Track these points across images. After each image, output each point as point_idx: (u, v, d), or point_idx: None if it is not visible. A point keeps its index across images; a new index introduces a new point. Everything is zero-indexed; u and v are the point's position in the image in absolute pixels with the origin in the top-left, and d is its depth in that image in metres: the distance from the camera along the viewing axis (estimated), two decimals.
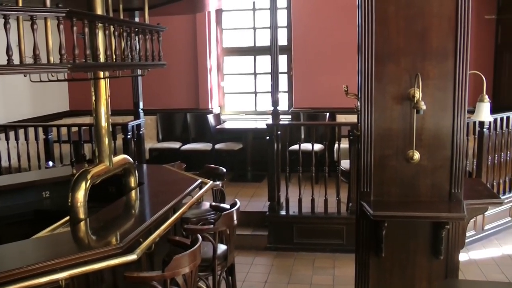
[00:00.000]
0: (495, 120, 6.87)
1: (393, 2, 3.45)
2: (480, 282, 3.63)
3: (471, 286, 2.61)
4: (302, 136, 7.08)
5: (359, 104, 3.58)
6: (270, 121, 6.59)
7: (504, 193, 7.18)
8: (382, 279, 3.70)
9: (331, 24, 8.82)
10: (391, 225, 3.52)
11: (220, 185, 5.18)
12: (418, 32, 3.45)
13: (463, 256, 6.24)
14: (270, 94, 6.64)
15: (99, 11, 3.66)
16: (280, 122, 6.68)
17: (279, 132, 6.52)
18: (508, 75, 7.90)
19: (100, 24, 3.46)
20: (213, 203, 4.74)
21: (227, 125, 9.31)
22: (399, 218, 3.47)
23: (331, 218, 6.45)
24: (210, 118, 9.11)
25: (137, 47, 3.99)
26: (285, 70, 9.53)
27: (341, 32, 8.52)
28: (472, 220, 6.54)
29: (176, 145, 9.22)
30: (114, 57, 3.66)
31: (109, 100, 3.93)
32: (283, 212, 6.63)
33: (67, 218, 3.57)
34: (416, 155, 3.49)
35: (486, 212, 6.69)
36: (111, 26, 3.60)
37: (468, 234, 6.60)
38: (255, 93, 9.82)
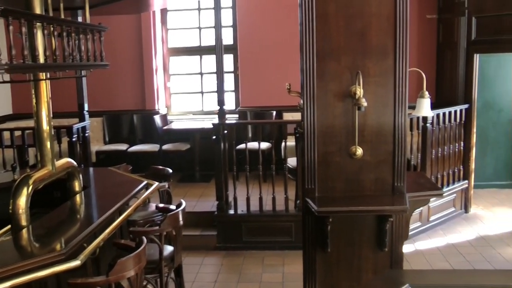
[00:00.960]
0: (438, 115, 7.09)
1: (333, 1, 3.51)
2: (418, 271, 3.74)
3: (409, 275, 2.70)
4: (250, 135, 7.10)
5: (302, 102, 3.62)
6: (216, 121, 6.59)
7: (448, 185, 7.43)
8: (328, 273, 3.76)
9: (276, 22, 8.89)
10: (336, 220, 3.58)
11: (167, 186, 5.15)
12: (358, 30, 3.52)
13: (409, 247, 6.43)
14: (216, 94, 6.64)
15: (37, 10, 3.57)
16: (226, 121, 6.69)
17: (225, 132, 6.53)
18: (449, 72, 8.14)
19: (38, 24, 3.37)
20: (159, 205, 4.71)
21: (174, 125, 9.24)
22: (343, 213, 3.54)
23: (280, 216, 6.51)
24: (157, 118, 9.02)
25: (79, 47, 3.90)
26: (232, 69, 9.53)
27: (285, 31, 8.59)
28: (418, 211, 6.76)
29: (123, 147, 9.09)
30: (54, 57, 3.57)
31: (51, 102, 3.84)
32: (231, 211, 6.65)
33: (9, 226, 3.47)
34: (359, 151, 3.56)
35: (431, 204, 6.94)
36: (50, 26, 3.52)
37: (414, 225, 6.81)
38: (202, 93, 9.79)
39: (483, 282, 2.64)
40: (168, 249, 4.19)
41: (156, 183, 4.74)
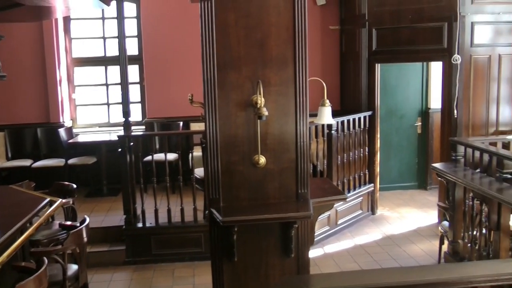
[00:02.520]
0: (342, 122, 7.33)
1: (233, 11, 3.53)
2: (319, 274, 3.83)
3: (312, 279, 2.75)
4: (157, 146, 7.01)
5: (204, 112, 3.61)
6: (122, 133, 6.45)
7: (354, 189, 7.70)
8: (236, 282, 3.76)
9: (181, 33, 8.84)
10: (242, 229, 3.59)
11: (71, 202, 4.98)
12: (257, 41, 3.56)
13: (318, 251, 6.59)
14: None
15: None
16: (132, 133, 6.57)
17: (131, 144, 6.41)
18: (353, 80, 8.43)
19: None
20: (62, 222, 4.55)
21: (80, 138, 8.95)
22: (248, 222, 3.55)
23: (188, 227, 6.46)
24: (62, 132, 8.69)
25: None
26: (138, 80, 9.38)
27: (190, 41, 8.55)
28: (326, 216, 6.93)
29: (27, 162, 8.67)
30: None
31: None
32: (140, 225, 6.52)
33: None
34: (262, 160, 3.59)
35: (339, 208, 7.15)
36: None
37: (322, 229, 6.99)
38: (108, 104, 9.55)
39: (387, 280, 2.72)
40: (73, 268, 4.05)
41: (60, 200, 4.59)
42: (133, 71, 9.16)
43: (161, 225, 6.48)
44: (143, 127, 9.14)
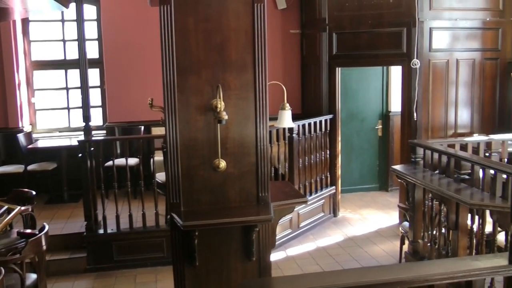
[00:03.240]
0: (304, 125, 7.39)
1: (192, 15, 3.52)
2: (277, 277, 3.85)
3: (266, 282, 2.77)
4: (118, 151, 6.93)
5: (164, 116, 3.59)
6: (82, 138, 6.36)
7: (316, 191, 7.76)
8: (198, 287, 3.74)
9: (141, 36, 8.75)
10: (203, 234, 3.58)
11: (30, 209, 4.89)
12: (217, 45, 3.56)
13: (281, 254, 6.62)
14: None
15: None
16: (93, 138, 6.48)
17: (92, 149, 6.33)
18: (314, 84, 8.50)
19: None
20: (20, 230, 4.46)
21: (40, 144, 8.76)
22: (209, 226, 3.54)
23: (150, 232, 6.42)
24: (21, 137, 8.50)
25: None
26: (98, 83, 9.26)
27: (150, 45, 8.45)
28: (288, 219, 6.98)
29: None
30: None
31: None
32: (101, 231, 6.44)
33: None
34: (223, 163, 3.60)
35: (301, 210, 7.21)
36: None
37: (285, 232, 7.02)
38: (68, 108, 9.41)
39: (347, 280, 2.76)
40: (32, 277, 3.97)
41: (18, 207, 4.50)
42: (94, 75, 9.03)
43: (123, 231, 6.42)
44: (104, 131, 9.03)
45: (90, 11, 9.07)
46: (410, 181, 5.89)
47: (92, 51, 9.06)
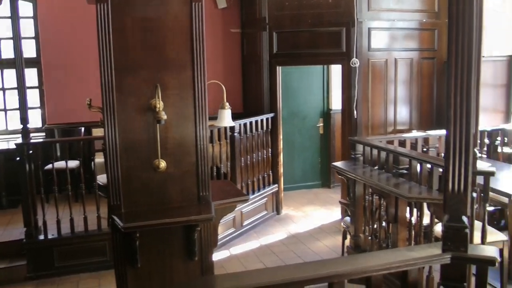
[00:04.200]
0: (245, 124, 7.42)
1: (129, 14, 3.49)
2: (216, 276, 3.87)
3: (204, 282, 2.79)
4: (58, 154, 6.77)
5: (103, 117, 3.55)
6: (20, 141, 6.18)
7: (259, 190, 7.81)
8: None
9: (80, 34, 8.53)
10: (144, 235, 3.56)
11: None
12: (155, 44, 3.54)
13: (224, 253, 6.64)
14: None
15: None
16: (32, 141, 6.31)
17: (30, 152, 6.15)
18: (254, 83, 8.55)
19: None
20: None
21: None
22: (150, 226, 3.51)
23: (92, 236, 6.28)
24: None
25: None
26: (37, 84, 9.01)
27: (89, 43, 8.25)
28: (231, 218, 7.00)
29: None
30: None
31: None
32: (41, 237, 6.25)
33: None
34: (163, 164, 3.58)
35: (244, 209, 7.24)
36: None
37: (228, 231, 7.05)
38: (5, 110, 9.10)
39: (288, 276, 2.80)
40: None
41: None
42: (31, 75, 8.78)
43: (64, 236, 6.25)
44: (43, 134, 8.77)
45: (26, 8, 8.80)
46: (350, 177, 6.01)
47: (29, 50, 8.79)
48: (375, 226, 5.79)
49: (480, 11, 3.12)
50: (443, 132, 6.98)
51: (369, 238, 5.86)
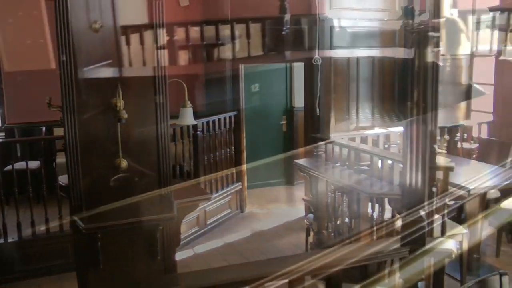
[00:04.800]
0: (208, 122, 7.40)
1: (85, 12, 3.46)
2: (182, 273, 3.88)
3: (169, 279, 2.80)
4: (18, 154, 6.63)
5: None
6: None
7: (222, 188, 7.80)
8: None
9: (41, 32, 8.38)
10: (106, 235, 3.53)
11: None
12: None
13: (188, 252, 6.63)
14: None
15: None
16: None
17: None
18: (217, 82, 8.51)
19: None
20: None
21: None
22: (111, 227, 3.50)
23: (54, 238, 6.14)
24: None
25: None
26: None
27: (50, 41, 8.18)
28: (195, 216, 6.99)
29: None
30: None
31: None
32: (1, 241, 6.08)
33: None
34: (124, 163, 3.56)
35: (207, 208, 7.23)
36: None
37: (192, 230, 7.04)
38: None
39: (250, 273, 2.82)
40: None
41: None
42: None
43: (25, 239, 6.10)
44: (3, 133, 8.57)
45: None
46: (312, 175, 6.06)
47: None
48: (338, 222, 5.86)
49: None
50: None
51: (332, 234, 5.93)
